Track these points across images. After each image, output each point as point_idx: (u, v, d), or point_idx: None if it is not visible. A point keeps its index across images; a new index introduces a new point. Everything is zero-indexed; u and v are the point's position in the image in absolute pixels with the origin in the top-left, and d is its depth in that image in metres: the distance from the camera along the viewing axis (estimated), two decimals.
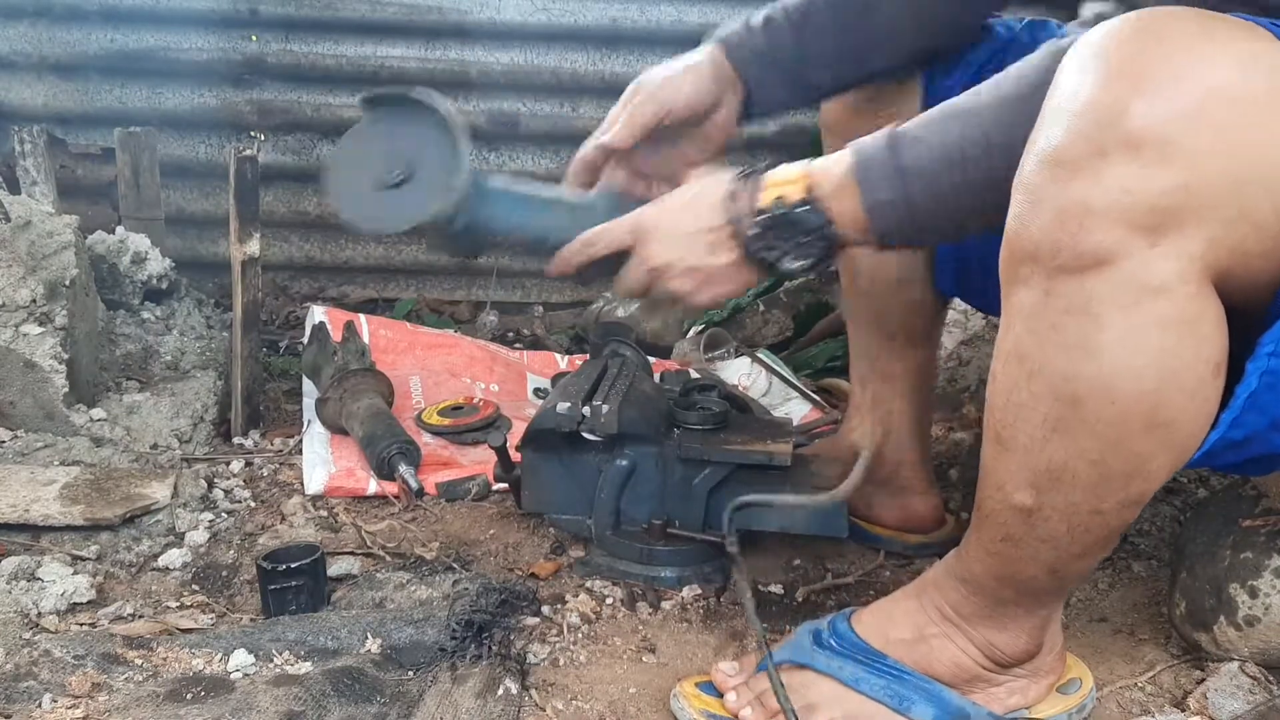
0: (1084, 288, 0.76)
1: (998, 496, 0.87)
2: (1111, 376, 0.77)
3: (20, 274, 1.53)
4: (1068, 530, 0.85)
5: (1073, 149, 0.74)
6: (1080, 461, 0.81)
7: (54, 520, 1.30)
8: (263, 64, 2.29)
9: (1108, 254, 0.74)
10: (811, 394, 1.90)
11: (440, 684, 1.04)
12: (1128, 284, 0.74)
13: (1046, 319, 0.79)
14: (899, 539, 1.40)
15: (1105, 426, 0.79)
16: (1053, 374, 0.79)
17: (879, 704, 0.96)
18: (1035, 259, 0.78)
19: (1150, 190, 0.72)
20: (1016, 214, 0.79)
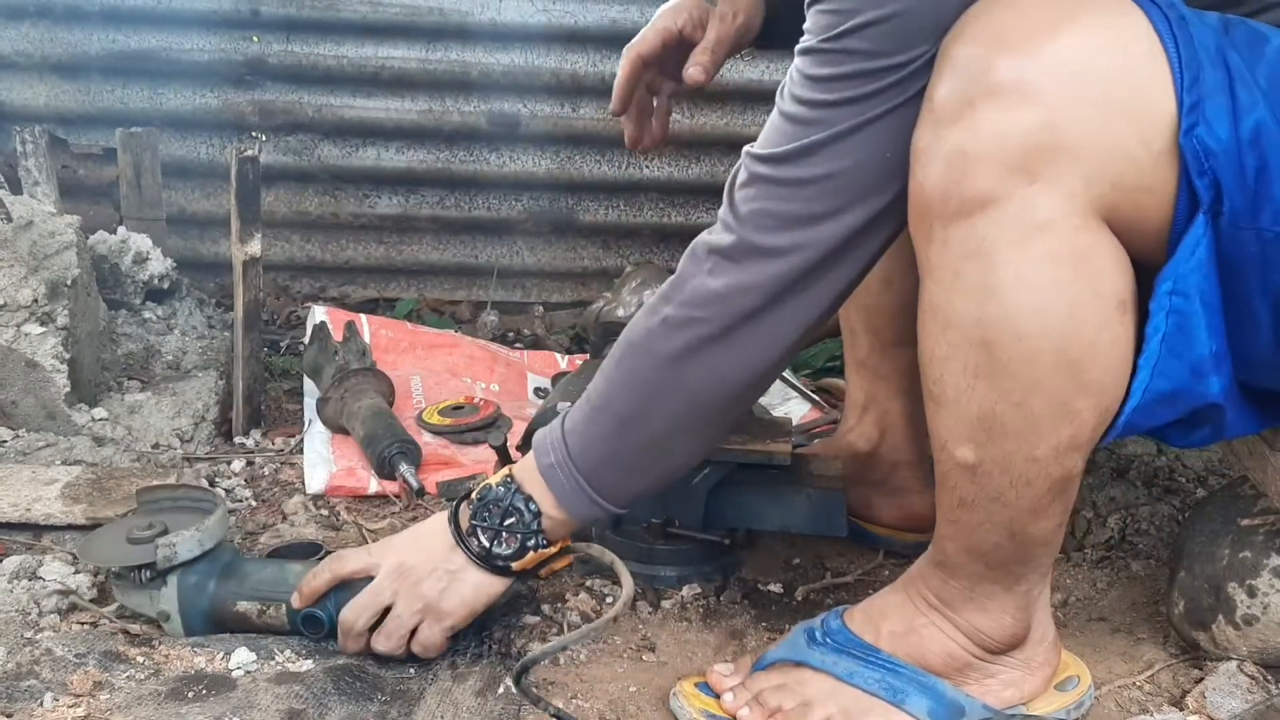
0: (975, 231, 0.80)
1: (944, 457, 0.90)
2: (1014, 315, 0.81)
3: (22, 274, 1.53)
4: (1010, 483, 0.87)
5: (948, 103, 0.81)
6: (1005, 406, 0.84)
7: (55, 519, 1.30)
8: (264, 64, 2.29)
9: (990, 195, 0.79)
10: (811, 394, 1.91)
11: (441, 682, 1.05)
12: (1014, 222, 0.79)
13: (949, 268, 0.83)
14: (897, 538, 1.40)
15: (1018, 365, 0.82)
16: (963, 321, 0.83)
17: (874, 697, 0.96)
18: (930, 210, 0.83)
19: (1017, 130, 0.78)
20: (914, 177, 0.84)
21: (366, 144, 2.36)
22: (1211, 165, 0.78)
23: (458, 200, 2.42)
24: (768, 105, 2.62)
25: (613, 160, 2.42)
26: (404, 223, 2.42)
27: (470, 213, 2.43)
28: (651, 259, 2.46)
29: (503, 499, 1.01)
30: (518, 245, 2.46)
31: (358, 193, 2.39)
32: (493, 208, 2.43)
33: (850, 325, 1.38)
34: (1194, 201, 0.79)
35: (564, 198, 2.44)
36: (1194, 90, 0.78)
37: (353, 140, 2.36)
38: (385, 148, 2.37)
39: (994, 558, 0.93)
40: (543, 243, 2.46)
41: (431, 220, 2.42)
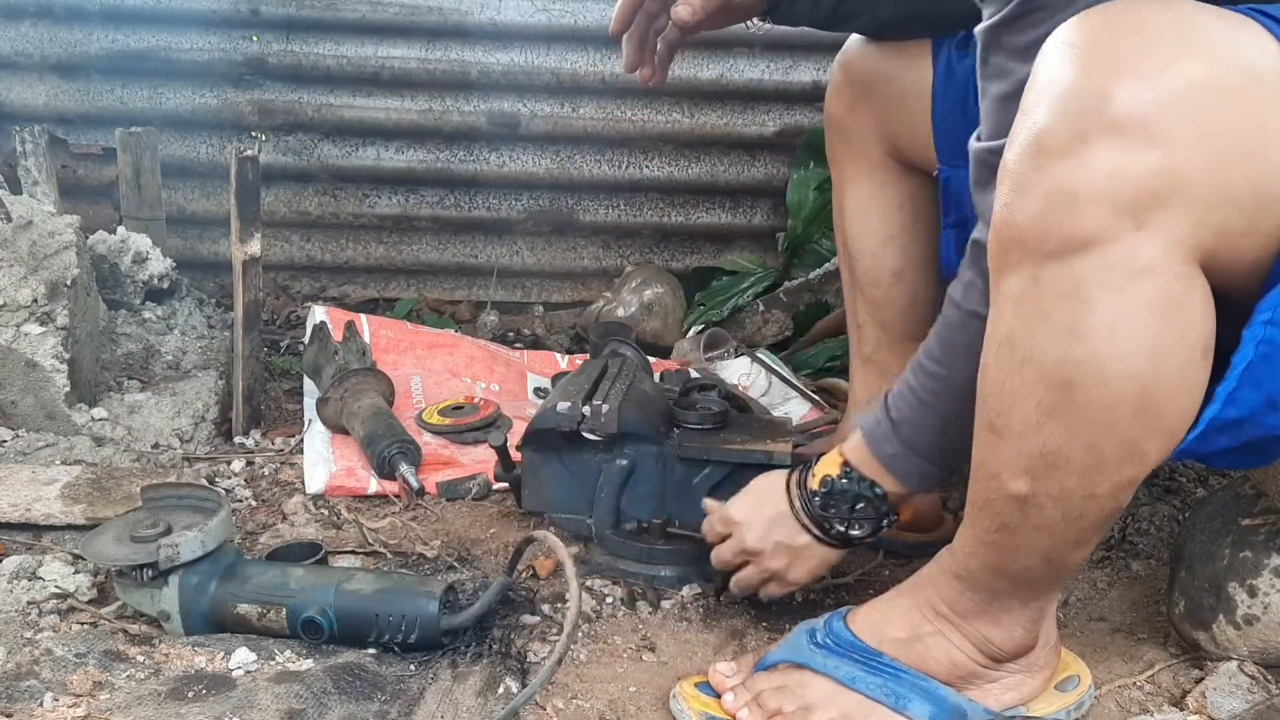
0: (1072, 271, 0.77)
1: (993, 486, 0.88)
2: (1102, 359, 0.78)
3: (22, 274, 1.53)
4: (1062, 516, 0.85)
5: (1056, 134, 0.75)
6: (1074, 446, 0.81)
7: (55, 519, 1.30)
8: (264, 64, 2.30)
9: (1094, 237, 0.75)
10: (811, 394, 1.91)
11: (441, 682, 1.05)
12: (1115, 266, 0.75)
13: (1036, 305, 0.80)
14: (898, 538, 1.39)
15: (1097, 410, 0.79)
16: (1044, 359, 0.80)
17: (876, 702, 0.96)
18: (1023, 245, 0.79)
19: (1134, 172, 0.73)
20: (1003, 203, 0.80)
21: (366, 144, 2.36)
22: None
23: (458, 200, 2.42)
24: (768, 105, 2.63)
25: (613, 160, 2.42)
26: (404, 223, 2.42)
27: (470, 213, 2.43)
28: (651, 259, 2.47)
29: (849, 489, 1.07)
30: (518, 245, 2.46)
31: (358, 193, 2.39)
32: (493, 208, 2.43)
33: (857, 320, 1.38)
34: None
35: (564, 198, 2.44)
36: None
37: (353, 140, 2.36)
38: (385, 148, 2.37)
39: (1023, 579, 0.93)
40: (543, 243, 2.46)
41: (431, 220, 2.42)
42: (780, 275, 2.34)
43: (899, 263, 1.31)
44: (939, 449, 1.04)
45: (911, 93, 1.26)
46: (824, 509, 1.08)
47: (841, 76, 1.35)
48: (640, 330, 2.19)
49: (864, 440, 1.07)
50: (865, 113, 1.31)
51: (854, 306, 1.38)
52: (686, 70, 2.36)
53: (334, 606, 1.08)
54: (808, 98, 2.39)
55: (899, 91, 1.27)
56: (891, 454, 1.05)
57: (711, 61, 2.37)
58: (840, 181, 1.37)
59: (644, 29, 1.27)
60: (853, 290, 1.37)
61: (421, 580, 1.14)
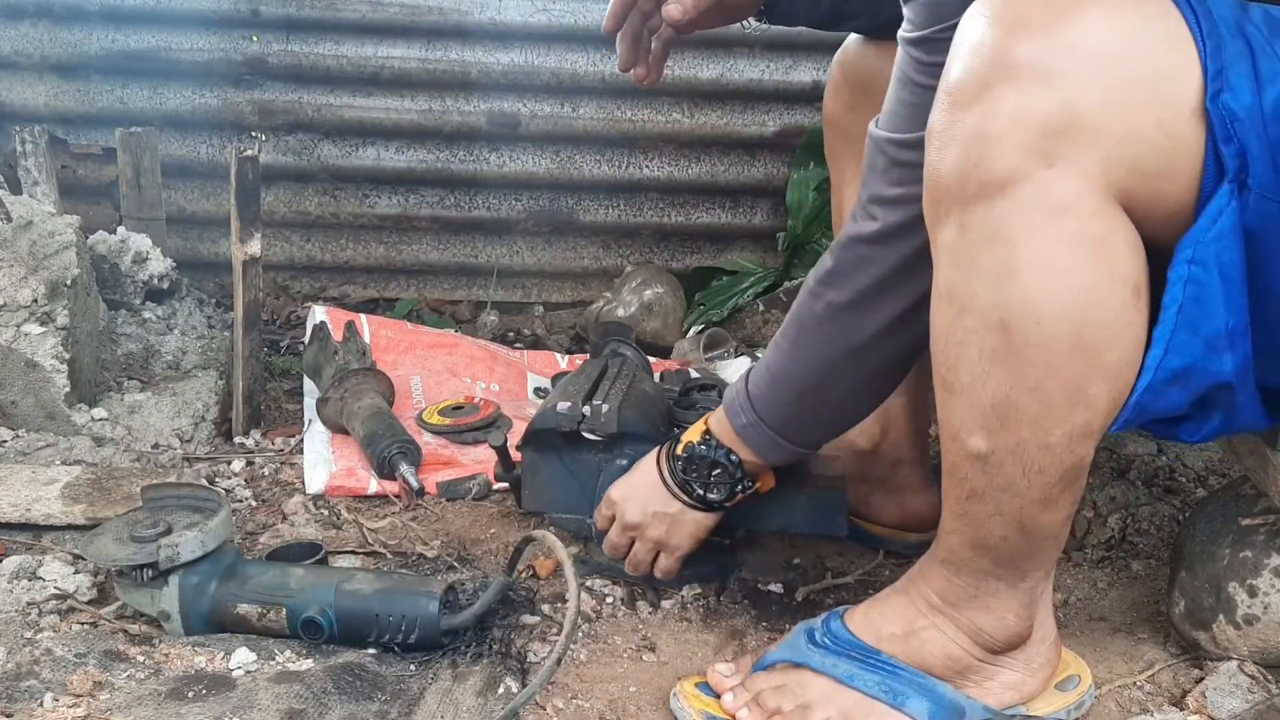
0: (993, 214, 0.80)
1: (954, 447, 0.89)
2: (1033, 298, 0.80)
3: (22, 274, 1.53)
4: (1023, 471, 0.87)
5: (965, 87, 0.80)
6: (1020, 391, 0.83)
7: (55, 520, 1.30)
8: (264, 64, 2.30)
9: (1009, 177, 0.79)
10: None
11: (441, 681, 1.05)
12: (1032, 204, 0.79)
13: (966, 251, 0.83)
14: (897, 538, 1.40)
15: (1035, 349, 0.81)
16: (980, 305, 0.83)
17: (874, 700, 0.96)
18: (948, 194, 0.82)
19: (1037, 112, 0.78)
20: (930, 160, 0.84)
21: (366, 144, 2.36)
22: (1238, 132, 0.78)
23: (458, 200, 2.42)
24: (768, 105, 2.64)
25: (613, 160, 2.42)
26: (404, 223, 2.42)
27: (470, 213, 2.43)
28: (651, 259, 2.47)
29: (706, 455, 1.14)
30: (518, 245, 2.46)
31: (358, 193, 2.39)
32: (493, 208, 2.43)
33: None
34: (1220, 172, 0.79)
35: (564, 198, 2.44)
36: (1217, 58, 0.78)
37: (353, 140, 2.36)
38: (385, 148, 2.37)
39: (1001, 552, 0.93)
40: (543, 243, 2.46)
41: (431, 220, 2.42)
42: (780, 275, 2.34)
43: None
44: (792, 423, 1.10)
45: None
46: (685, 473, 1.16)
47: (840, 76, 1.35)
48: (640, 330, 2.19)
49: (724, 410, 1.14)
50: (864, 112, 1.31)
51: None
52: (686, 70, 2.36)
53: (334, 606, 1.08)
54: (808, 98, 2.39)
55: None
56: (744, 425, 1.12)
57: (711, 61, 2.37)
58: (839, 181, 1.37)
59: (637, 27, 1.27)
60: None
61: (421, 580, 1.14)
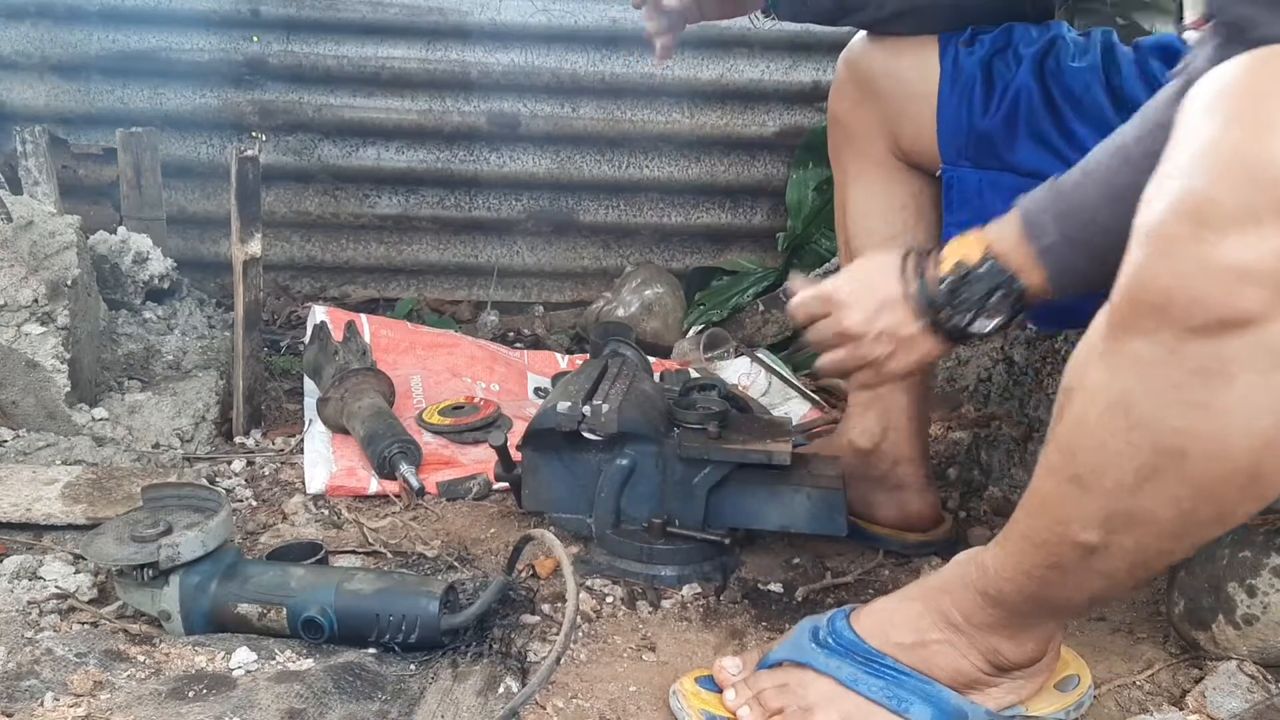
0: (1219, 350, 0.73)
1: (1058, 530, 0.85)
2: (1227, 436, 0.75)
3: (22, 274, 1.53)
4: (1129, 567, 0.84)
5: (1218, 203, 0.70)
6: (1167, 510, 0.79)
7: (56, 519, 1.30)
8: (264, 64, 2.30)
9: (1248, 317, 0.71)
10: (811, 394, 1.91)
11: (441, 681, 1.05)
12: (1264, 349, 0.72)
13: (1168, 376, 0.76)
14: (897, 538, 1.40)
15: (1206, 481, 0.77)
16: (1161, 428, 0.77)
17: (877, 705, 0.96)
18: (1164, 313, 0.74)
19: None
20: (1143, 263, 0.75)
21: (366, 144, 2.36)
22: None
23: (458, 200, 2.42)
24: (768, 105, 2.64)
25: (613, 160, 2.42)
26: (404, 223, 2.42)
27: (470, 213, 2.43)
28: (651, 259, 2.47)
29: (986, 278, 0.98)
30: (518, 245, 2.47)
31: (358, 193, 2.40)
32: (493, 208, 2.43)
33: None
34: None
35: (564, 198, 2.44)
36: None
37: (353, 140, 2.36)
38: (385, 148, 2.37)
39: (1060, 610, 0.92)
40: (543, 243, 2.46)
41: (431, 220, 2.42)
42: (780, 275, 2.34)
43: None
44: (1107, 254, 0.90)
45: (916, 92, 1.26)
46: (950, 294, 1.00)
47: (846, 74, 1.35)
48: (640, 330, 2.19)
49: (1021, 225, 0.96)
50: (869, 111, 1.31)
51: None
52: (686, 70, 2.36)
53: (334, 606, 1.08)
54: (808, 98, 2.39)
55: (903, 91, 1.27)
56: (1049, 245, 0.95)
57: (711, 61, 2.37)
58: (843, 180, 1.37)
59: None
60: None
61: (422, 580, 1.14)
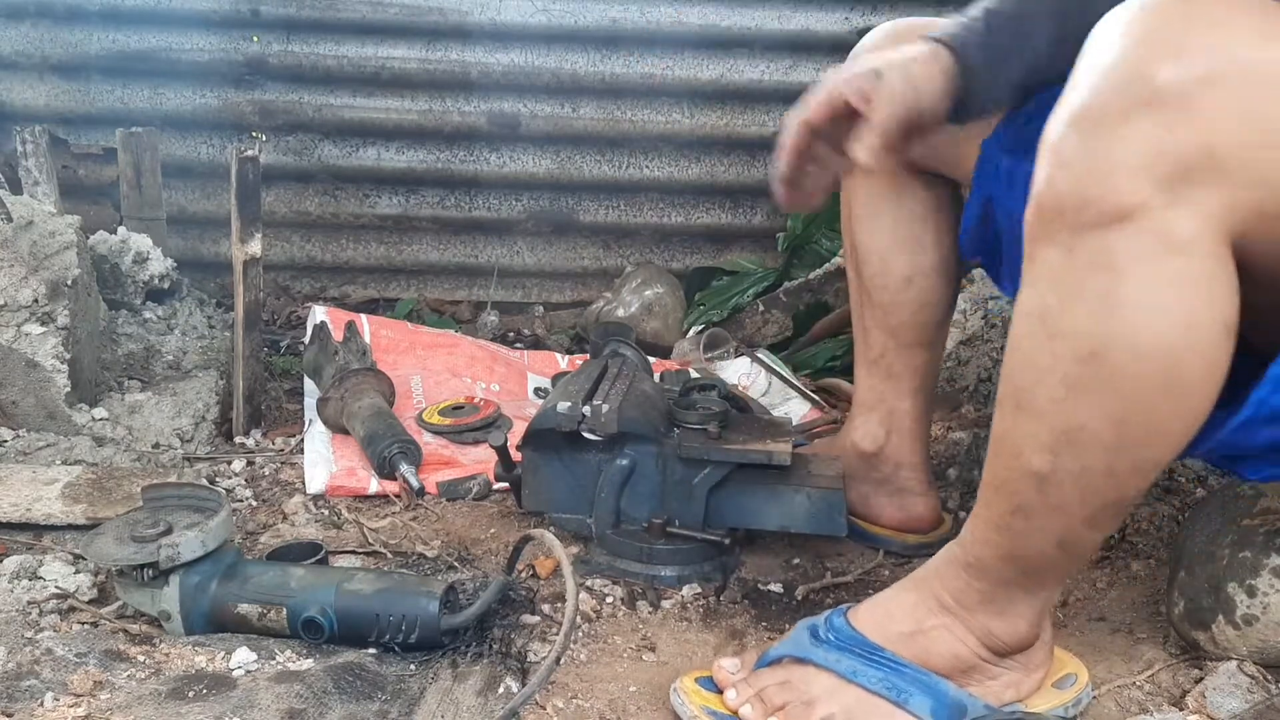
0: (1107, 243, 0.78)
1: (1013, 465, 0.88)
2: (1134, 331, 0.78)
3: (22, 274, 1.53)
4: (1080, 496, 0.85)
5: (1099, 108, 0.77)
6: (1099, 421, 0.81)
7: (56, 519, 1.30)
8: (264, 64, 2.30)
9: (1131, 209, 0.76)
10: (811, 394, 1.91)
11: (441, 681, 1.05)
12: (1150, 239, 0.76)
13: (1070, 276, 0.80)
14: (897, 539, 1.40)
15: (1126, 383, 0.80)
16: (1075, 331, 0.81)
17: (877, 696, 0.96)
18: (1060, 215, 0.80)
19: (1173, 147, 0.75)
20: (1044, 175, 0.81)
21: (366, 144, 2.36)
22: None
23: (458, 200, 2.42)
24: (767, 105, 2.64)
25: (613, 160, 2.42)
26: (404, 223, 2.42)
27: (470, 213, 2.43)
28: (651, 259, 2.47)
29: None
30: (518, 245, 2.47)
31: (358, 193, 2.40)
32: (493, 208, 2.43)
33: (864, 324, 1.37)
34: None
35: (564, 198, 2.44)
36: None
37: (353, 140, 2.36)
38: (385, 148, 2.37)
39: (1033, 565, 0.93)
40: (543, 243, 2.46)
41: (431, 220, 2.42)
42: (780, 275, 2.34)
43: (909, 269, 1.31)
44: None
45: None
46: None
47: None
48: (640, 330, 2.19)
49: None
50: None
51: (860, 310, 1.37)
52: (686, 70, 2.36)
53: (334, 606, 1.08)
54: None
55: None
56: None
57: (711, 61, 2.37)
58: (849, 184, 1.37)
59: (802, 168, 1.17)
60: (860, 294, 1.37)
61: (422, 580, 1.14)
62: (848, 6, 2.35)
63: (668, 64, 2.36)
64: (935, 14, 2.33)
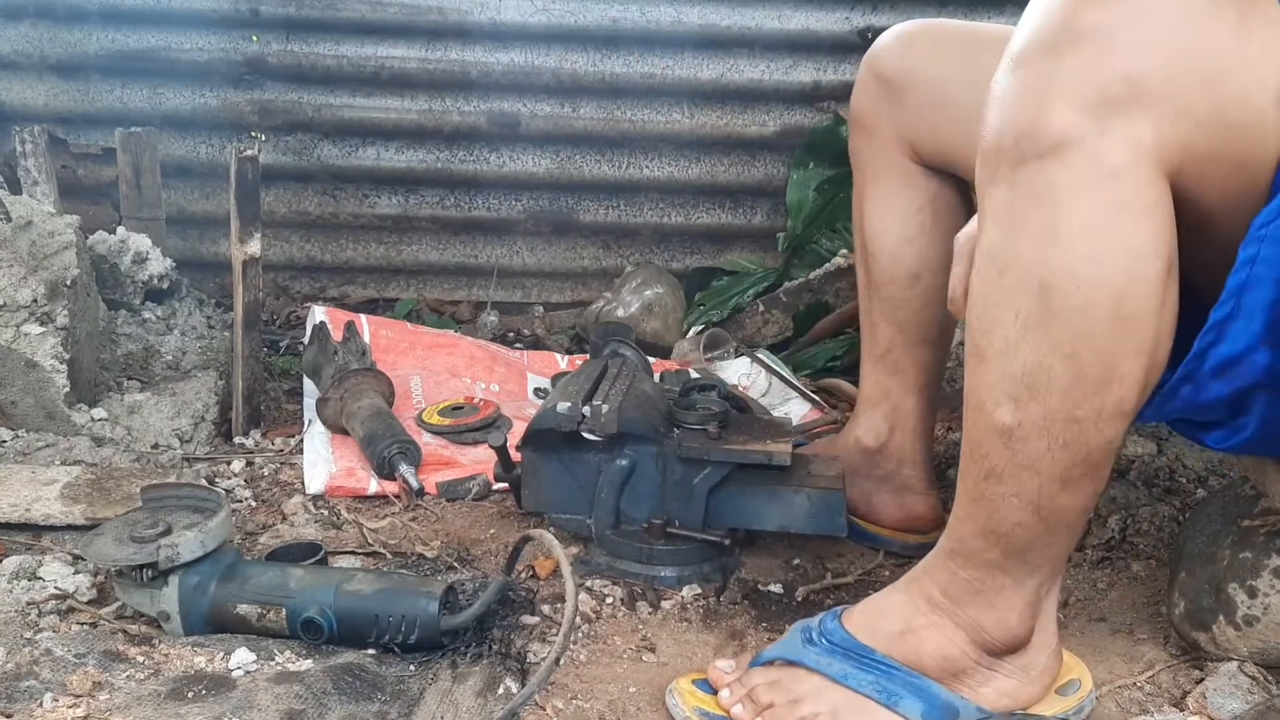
0: (1044, 174, 0.81)
1: (979, 420, 0.89)
2: (1075, 260, 0.81)
3: (21, 274, 1.53)
4: (1047, 446, 0.86)
5: (1029, 47, 0.82)
6: (1054, 358, 0.83)
7: (55, 520, 1.30)
8: (264, 64, 2.30)
9: (1063, 138, 0.80)
10: (811, 394, 1.91)
11: (441, 682, 1.05)
12: (1083, 167, 0.80)
13: (1014, 211, 0.83)
14: (898, 539, 1.40)
15: (1073, 314, 0.81)
16: (1022, 265, 0.83)
17: (867, 699, 0.96)
18: (1000, 152, 0.83)
19: (1095, 77, 0.79)
20: (987, 122, 0.85)
21: (366, 144, 2.36)
22: None
23: (458, 200, 2.42)
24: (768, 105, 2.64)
25: (613, 160, 2.42)
26: (404, 223, 2.42)
27: (470, 213, 2.43)
28: (651, 259, 2.47)
29: None
30: (518, 245, 2.46)
31: (358, 193, 2.39)
32: (493, 208, 2.43)
33: (872, 319, 1.38)
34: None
35: (564, 198, 2.44)
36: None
37: (353, 140, 2.36)
38: (385, 148, 2.37)
39: (1013, 540, 0.92)
40: (543, 243, 2.46)
41: (431, 220, 2.42)
42: (780, 275, 2.34)
43: (916, 265, 1.31)
44: None
45: (936, 96, 1.26)
46: None
47: (868, 75, 1.35)
48: (640, 330, 2.19)
49: None
50: (889, 113, 1.31)
51: (869, 305, 1.37)
52: (686, 70, 2.36)
53: (334, 607, 1.08)
54: (808, 98, 2.39)
55: (924, 94, 1.27)
56: None
57: (711, 61, 2.37)
58: (861, 180, 1.37)
59: None
60: (868, 289, 1.37)
61: (421, 580, 1.14)
62: (848, 6, 2.35)
63: (668, 64, 2.36)
64: (937, 14, 2.35)
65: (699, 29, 2.34)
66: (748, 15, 2.34)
